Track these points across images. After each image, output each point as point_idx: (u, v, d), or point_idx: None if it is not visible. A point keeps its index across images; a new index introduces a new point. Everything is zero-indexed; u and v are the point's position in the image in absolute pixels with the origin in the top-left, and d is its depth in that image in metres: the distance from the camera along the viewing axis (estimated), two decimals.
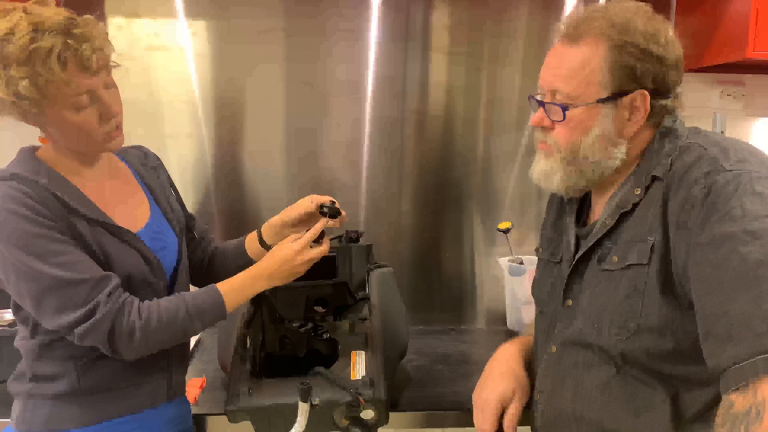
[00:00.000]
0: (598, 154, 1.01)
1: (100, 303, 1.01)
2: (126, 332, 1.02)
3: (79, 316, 1.00)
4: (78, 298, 1.01)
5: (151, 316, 1.05)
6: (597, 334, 0.99)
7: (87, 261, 1.03)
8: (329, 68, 1.89)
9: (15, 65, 0.97)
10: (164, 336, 1.07)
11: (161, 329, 1.05)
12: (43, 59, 0.97)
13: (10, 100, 1.00)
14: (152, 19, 1.83)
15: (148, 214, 1.19)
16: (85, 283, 1.01)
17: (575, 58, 0.99)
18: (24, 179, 1.03)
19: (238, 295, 1.14)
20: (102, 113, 1.05)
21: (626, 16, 0.98)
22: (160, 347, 1.09)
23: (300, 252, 1.17)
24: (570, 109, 0.99)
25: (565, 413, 1.04)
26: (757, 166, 0.89)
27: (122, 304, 1.03)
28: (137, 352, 1.06)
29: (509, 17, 1.92)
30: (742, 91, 2.04)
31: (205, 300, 1.10)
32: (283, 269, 1.16)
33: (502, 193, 2.00)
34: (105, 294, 1.02)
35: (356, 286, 1.48)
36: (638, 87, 0.97)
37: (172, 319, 1.06)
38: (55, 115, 1.02)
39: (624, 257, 0.97)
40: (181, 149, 1.89)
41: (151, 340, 1.05)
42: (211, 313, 1.10)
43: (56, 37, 0.97)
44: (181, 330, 1.08)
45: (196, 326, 1.09)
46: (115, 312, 1.02)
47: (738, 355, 0.80)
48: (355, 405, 1.14)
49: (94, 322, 1.00)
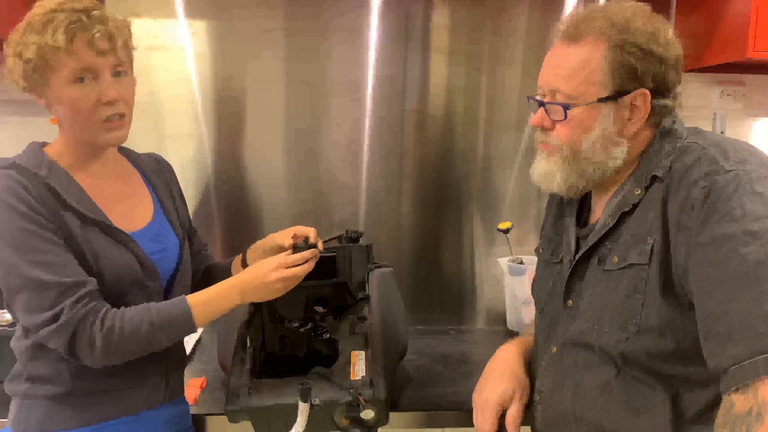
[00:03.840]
0: (600, 154, 1.01)
1: (64, 309, 0.99)
2: (86, 341, 1.01)
3: (44, 319, 0.99)
4: (45, 301, 1.00)
5: (113, 327, 1.02)
6: (597, 335, 0.99)
7: (68, 263, 1.02)
8: (329, 68, 1.89)
9: (32, 34, 1.03)
10: (128, 347, 1.04)
11: (123, 340, 1.02)
12: (54, 29, 1.02)
13: (19, 65, 1.04)
14: (152, 19, 1.83)
15: (150, 215, 1.19)
16: (55, 286, 0.99)
17: (576, 57, 0.99)
18: (23, 170, 1.04)
19: (208, 309, 1.09)
20: (101, 95, 1.05)
21: (626, 15, 0.98)
22: (127, 358, 1.06)
23: (276, 269, 1.12)
24: (571, 108, 0.99)
25: (565, 413, 1.04)
26: (757, 166, 0.89)
27: (87, 312, 1.01)
28: (99, 362, 1.03)
29: (509, 17, 1.92)
30: (742, 91, 2.04)
31: (171, 312, 1.06)
32: (257, 284, 1.11)
33: (502, 193, 1.99)
34: (72, 300, 1.00)
35: (356, 286, 1.48)
36: (639, 86, 0.98)
37: (135, 330, 1.03)
38: (56, 85, 1.04)
39: (624, 257, 0.97)
40: (181, 149, 1.88)
41: (113, 350, 1.02)
42: (177, 325, 1.06)
43: (72, 14, 1.03)
44: (145, 342, 1.05)
45: (161, 339, 1.06)
46: (78, 320, 1.00)
47: (738, 355, 0.80)
48: (355, 405, 1.14)
49: (57, 328, 0.99)
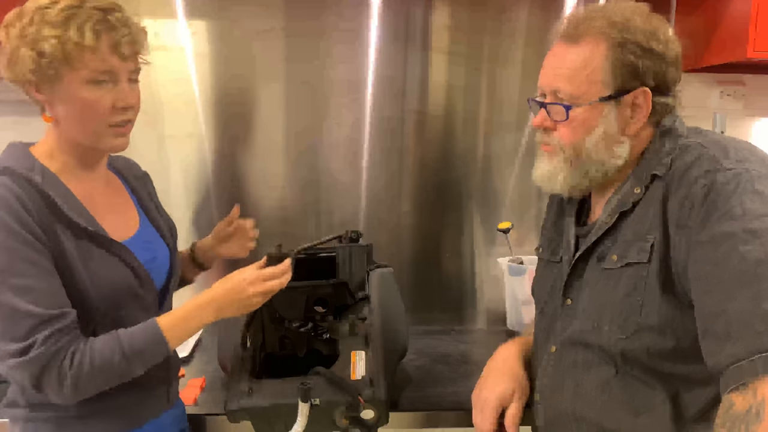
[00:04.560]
0: (602, 153, 1.01)
1: (35, 343, 0.93)
2: (55, 378, 0.95)
3: (14, 350, 0.93)
4: (18, 331, 0.93)
5: (83, 362, 0.96)
6: (597, 334, 0.99)
7: (50, 291, 0.96)
8: (329, 68, 1.89)
9: (49, 26, 0.96)
10: (99, 382, 0.98)
11: (94, 376, 0.97)
12: (79, 25, 0.97)
13: (31, 57, 0.96)
14: (152, 19, 1.83)
15: (137, 222, 1.15)
16: (30, 317, 0.93)
17: (576, 57, 0.99)
18: (17, 176, 0.97)
19: (181, 329, 1.04)
20: (117, 100, 1.02)
21: (625, 14, 0.98)
22: (99, 390, 1.00)
23: (253, 283, 1.07)
24: (573, 108, 0.99)
25: (565, 413, 1.04)
26: (757, 165, 0.89)
27: (58, 349, 0.94)
28: (68, 399, 0.98)
29: (509, 17, 1.92)
30: (742, 91, 2.04)
31: (142, 340, 1.00)
32: (234, 300, 1.06)
33: (502, 193, 1.99)
34: (45, 334, 0.93)
35: (356, 286, 1.48)
36: (640, 85, 0.98)
37: (107, 364, 0.97)
38: (70, 84, 0.98)
39: (624, 256, 0.97)
40: (181, 149, 1.88)
41: (83, 388, 0.97)
42: (151, 352, 1.01)
43: (97, 12, 0.99)
44: (117, 375, 1.00)
45: (136, 369, 1.01)
46: (50, 356, 0.94)
47: (737, 353, 0.80)
48: (355, 405, 1.14)
49: (25, 361, 0.93)
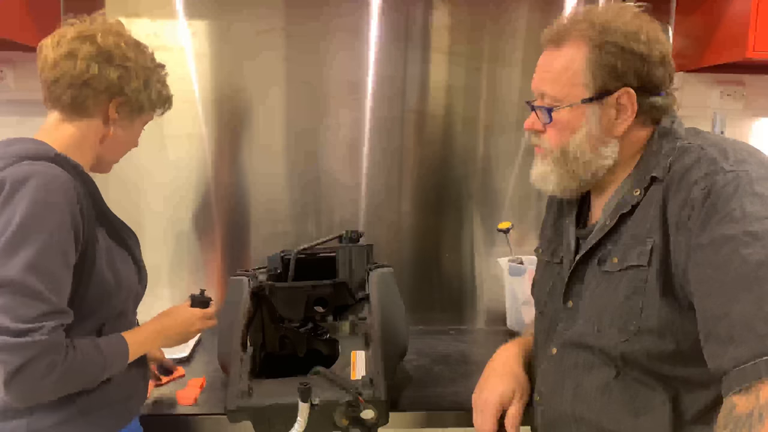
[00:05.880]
0: (588, 154, 1.02)
1: (41, 329, 0.91)
2: (44, 368, 0.92)
3: (14, 328, 0.90)
4: (28, 313, 0.91)
5: (75, 359, 0.96)
6: (597, 336, 0.99)
7: (66, 285, 0.97)
8: (329, 68, 1.89)
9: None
10: (78, 381, 0.99)
11: (77, 375, 0.98)
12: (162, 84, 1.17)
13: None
14: (152, 19, 1.83)
15: None
16: (44, 303, 0.92)
17: (559, 61, 1.01)
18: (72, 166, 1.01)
19: (139, 349, 1.11)
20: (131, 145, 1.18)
21: (607, 17, 1.00)
22: (69, 392, 0.99)
23: (201, 320, 1.23)
24: (556, 110, 1.01)
25: (565, 414, 1.04)
26: (757, 167, 0.89)
27: (58, 342, 0.94)
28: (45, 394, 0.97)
29: (509, 17, 1.92)
30: (742, 91, 2.04)
31: (115, 350, 1.05)
32: (181, 332, 1.20)
33: (502, 193, 1.99)
34: (52, 324, 0.93)
35: (356, 286, 1.48)
36: (622, 85, 0.98)
37: (89, 366, 0.99)
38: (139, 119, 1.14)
39: (624, 258, 0.97)
40: (181, 149, 1.88)
41: (63, 383, 0.96)
42: (117, 363, 1.05)
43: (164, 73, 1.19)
44: (92, 379, 1.02)
45: (104, 375, 1.03)
46: (49, 345, 0.92)
47: (740, 357, 0.80)
48: (355, 405, 1.14)
49: (21, 343, 0.90)
